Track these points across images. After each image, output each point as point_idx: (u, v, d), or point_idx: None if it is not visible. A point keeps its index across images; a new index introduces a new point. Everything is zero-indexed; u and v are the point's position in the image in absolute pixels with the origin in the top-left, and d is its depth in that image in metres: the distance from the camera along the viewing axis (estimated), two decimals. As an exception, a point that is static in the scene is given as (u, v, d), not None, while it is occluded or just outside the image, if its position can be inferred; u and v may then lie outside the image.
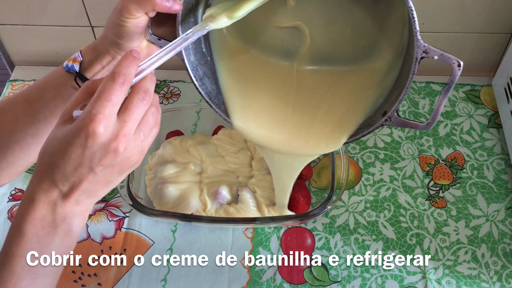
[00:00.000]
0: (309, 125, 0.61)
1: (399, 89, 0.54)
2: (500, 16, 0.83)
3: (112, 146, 0.42)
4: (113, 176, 0.44)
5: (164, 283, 0.68)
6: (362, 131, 0.57)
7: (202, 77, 0.59)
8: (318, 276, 0.68)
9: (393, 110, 0.53)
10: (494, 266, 0.68)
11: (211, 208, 0.71)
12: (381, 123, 0.54)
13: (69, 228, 0.44)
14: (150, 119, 0.45)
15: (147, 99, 0.44)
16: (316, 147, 0.61)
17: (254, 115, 0.62)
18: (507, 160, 0.78)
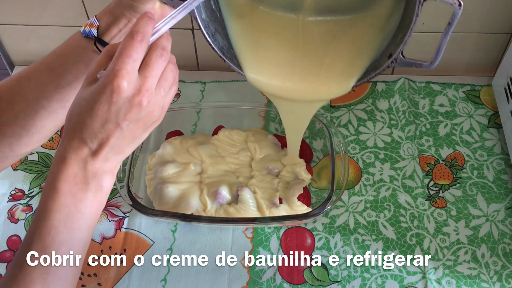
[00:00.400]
0: (318, 71, 0.64)
1: (403, 31, 0.56)
2: (500, 16, 0.83)
3: (136, 100, 0.44)
4: (138, 132, 0.46)
5: (164, 283, 0.68)
6: (369, 74, 0.60)
7: (214, 33, 0.61)
8: (318, 276, 0.68)
9: (398, 52, 0.55)
10: (494, 266, 0.68)
11: (211, 208, 0.71)
12: (388, 65, 0.57)
13: (100, 184, 0.46)
14: (169, 75, 0.47)
15: (165, 55, 0.47)
16: (327, 91, 0.64)
17: (265, 66, 0.64)
18: (507, 160, 0.78)
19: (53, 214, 0.45)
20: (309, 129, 0.80)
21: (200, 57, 0.94)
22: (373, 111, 0.85)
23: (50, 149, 0.82)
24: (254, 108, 0.83)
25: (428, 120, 0.84)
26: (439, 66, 0.96)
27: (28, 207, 0.76)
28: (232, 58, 0.63)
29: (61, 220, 0.45)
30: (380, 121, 0.84)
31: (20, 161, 0.80)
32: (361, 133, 0.82)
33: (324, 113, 0.85)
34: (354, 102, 0.87)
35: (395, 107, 0.85)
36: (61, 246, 0.45)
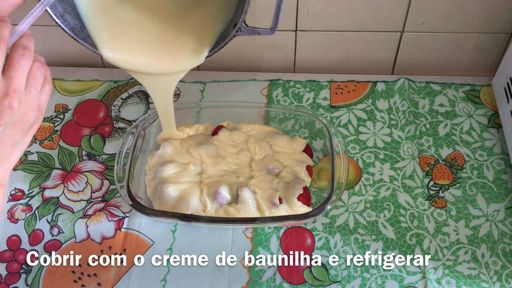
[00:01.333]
0: (172, 44, 0.66)
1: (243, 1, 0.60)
2: (500, 16, 0.83)
3: (5, 103, 0.42)
4: (18, 136, 0.45)
5: (164, 283, 0.68)
6: (219, 44, 0.64)
7: (63, 14, 0.61)
8: (318, 276, 0.68)
9: (241, 21, 0.60)
10: (494, 266, 0.68)
11: (211, 208, 0.71)
12: (234, 34, 0.61)
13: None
14: (37, 73, 0.46)
15: (27, 54, 0.45)
16: (182, 62, 0.66)
17: (119, 42, 0.65)
18: (507, 160, 0.78)
19: None
20: (309, 129, 0.80)
21: (200, 57, 0.94)
22: (373, 111, 0.85)
23: (50, 149, 0.82)
24: (254, 108, 0.83)
25: (428, 120, 0.84)
26: (439, 66, 0.96)
27: (28, 207, 0.76)
28: (86, 38, 0.63)
29: None
30: (380, 121, 0.84)
31: (20, 161, 0.80)
32: (361, 133, 0.82)
33: (324, 113, 0.85)
34: (354, 102, 0.87)
35: (395, 107, 0.85)
36: None
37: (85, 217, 0.74)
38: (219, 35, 0.65)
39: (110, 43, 0.64)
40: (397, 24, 0.85)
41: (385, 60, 0.92)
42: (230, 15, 0.64)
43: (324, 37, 0.88)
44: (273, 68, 0.94)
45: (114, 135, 0.84)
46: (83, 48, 0.64)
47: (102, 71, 0.94)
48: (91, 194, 0.77)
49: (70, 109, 0.87)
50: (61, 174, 0.79)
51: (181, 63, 0.66)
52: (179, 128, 0.79)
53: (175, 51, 0.66)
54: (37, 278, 0.69)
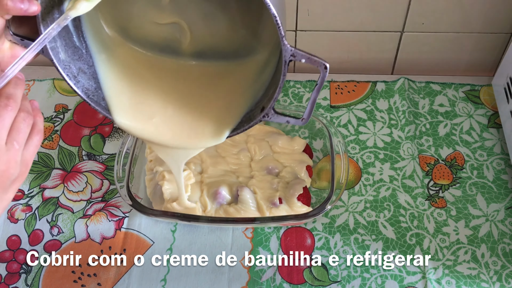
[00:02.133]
0: (193, 119, 0.61)
1: (274, 86, 0.55)
2: (500, 16, 0.83)
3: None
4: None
5: (164, 283, 0.68)
6: (243, 125, 0.59)
7: (76, 75, 0.57)
8: (318, 276, 0.68)
9: (269, 107, 0.55)
10: (494, 266, 0.68)
11: (211, 208, 0.71)
12: (260, 119, 0.56)
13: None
14: (21, 126, 0.42)
15: (11, 104, 0.42)
16: (200, 141, 0.61)
17: (136, 111, 0.61)
18: (507, 160, 0.78)
19: None
20: (309, 129, 0.80)
21: (200, 57, 0.94)
22: (373, 111, 0.85)
23: (50, 149, 0.82)
24: (254, 108, 0.83)
25: (428, 120, 0.84)
26: (439, 66, 0.96)
27: (27, 207, 0.76)
28: (99, 101, 0.59)
29: None
30: (380, 121, 0.84)
31: (20, 161, 0.80)
32: (361, 133, 0.82)
33: (324, 113, 0.85)
34: (354, 102, 0.87)
35: (395, 107, 0.85)
36: None
37: (85, 217, 0.74)
38: (244, 115, 0.60)
39: (127, 112, 0.60)
40: (397, 24, 0.85)
41: (385, 60, 0.92)
42: (259, 95, 0.60)
43: (324, 37, 0.88)
44: (273, 68, 0.94)
45: (114, 135, 0.84)
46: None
47: (102, 71, 0.94)
48: (91, 194, 0.77)
49: (70, 109, 0.87)
50: (61, 174, 0.79)
51: (200, 141, 0.61)
52: None
53: (196, 130, 0.61)
54: (37, 278, 0.69)
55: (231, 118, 0.60)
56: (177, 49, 0.62)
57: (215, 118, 0.61)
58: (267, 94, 0.58)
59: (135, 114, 0.61)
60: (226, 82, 0.63)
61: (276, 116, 0.56)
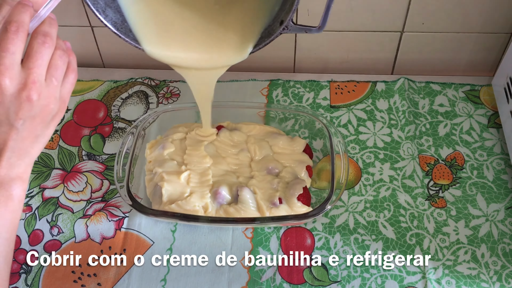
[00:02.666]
0: (216, 39, 0.64)
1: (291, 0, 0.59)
2: (500, 16, 0.83)
3: (23, 95, 0.40)
4: (38, 129, 0.43)
5: (164, 283, 0.68)
6: (264, 40, 0.63)
7: (104, 9, 0.60)
8: (318, 276, 0.68)
9: (288, 19, 0.59)
10: (494, 266, 0.68)
11: (211, 208, 0.70)
12: (280, 32, 0.61)
13: (8, 193, 0.43)
14: (58, 62, 0.44)
15: (48, 42, 0.43)
16: (226, 58, 0.65)
17: (163, 38, 0.64)
18: (507, 160, 0.78)
19: None
20: (309, 129, 0.80)
21: (200, 57, 0.94)
22: (372, 111, 0.85)
23: (50, 149, 0.82)
24: (254, 108, 0.83)
25: (428, 120, 0.84)
26: (439, 66, 0.96)
27: (27, 207, 0.76)
28: (127, 32, 0.62)
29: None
30: (380, 121, 0.84)
31: (20, 161, 0.80)
32: (361, 133, 0.82)
33: (324, 113, 0.85)
34: (354, 102, 0.87)
35: (395, 107, 0.85)
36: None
37: (85, 217, 0.74)
38: (263, 31, 0.64)
39: (153, 38, 0.63)
40: (397, 24, 0.85)
41: (385, 60, 0.92)
42: (275, 10, 0.63)
43: (324, 37, 0.88)
44: (273, 68, 0.94)
45: (114, 135, 0.84)
46: (82, 47, 0.64)
47: (102, 71, 0.94)
48: (91, 194, 0.77)
49: (70, 109, 0.87)
50: (61, 174, 0.79)
51: (225, 58, 0.65)
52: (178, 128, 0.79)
53: (219, 47, 0.64)
54: (37, 278, 0.69)
55: (252, 34, 0.63)
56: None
57: (237, 35, 0.64)
58: (284, 8, 0.61)
59: (161, 41, 0.63)
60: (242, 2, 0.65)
61: (295, 27, 0.60)
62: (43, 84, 0.42)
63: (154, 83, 0.90)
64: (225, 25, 0.65)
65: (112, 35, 0.63)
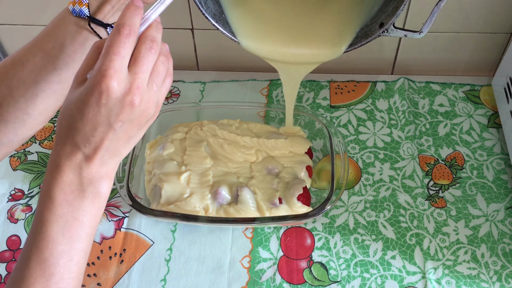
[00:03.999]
0: (311, 35, 0.64)
1: (395, 2, 0.58)
2: (500, 16, 0.83)
3: (127, 100, 0.42)
4: (133, 131, 0.44)
5: (163, 283, 0.68)
6: (360, 41, 0.62)
7: (206, 1, 0.60)
8: (317, 276, 0.68)
9: (390, 23, 0.57)
10: (493, 266, 0.68)
11: (212, 209, 0.70)
12: (379, 34, 0.59)
13: (97, 190, 0.45)
14: (161, 68, 0.45)
15: (154, 47, 0.44)
16: (319, 55, 0.64)
17: (259, 31, 0.64)
18: (507, 160, 0.78)
19: (50, 225, 0.43)
20: (309, 129, 0.80)
21: (199, 57, 0.94)
22: (372, 111, 0.85)
23: (50, 149, 0.82)
24: (254, 108, 0.83)
25: (428, 120, 0.84)
26: (439, 66, 0.96)
27: (27, 207, 0.76)
28: (225, 24, 0.62)
29: (58, 231, 0.43)
30: (379, 121, 0.84)
31: (20, 161, 0.80)
32: (360, 133, 0.82)
33: (324, 113, 0.85)
34: (354, 102, 0.87)
35: (395, 107, 0.85)
36: (60, 258, 0.44)
37: (85, 217, 0.74)
38: (359, 30, 0.62)
39: (249, 32, 0.63)
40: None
41: (385, 60, 0.92)
42: (374, 10, 0.62)
43: (324, 37, 0.88)
44: (273, 68, 0.93)
45: (114, 135, 0.83)
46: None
47: (102, 71, 0.94)
48: (91, 194, 0.76)
49: (70, 109, 0.87)
50: (61, 174, 0.79)
51: (319, 55, 0.64)
52: (178, 128, 0.79)
53: (314, 43, 0.64)
54: (37, 278, 0.69)
55: (347, 32, 0.62)
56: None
57: (331, 32, 0.64)
58: (385, 10, 0.60)
59: (257, 34, 0.63)
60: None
61: (396, 31, 0.59)
62: (145, 89, 0.43)
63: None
64: (321, 22, 0.64)
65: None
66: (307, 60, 0.66)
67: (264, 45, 0.64)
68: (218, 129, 0.78)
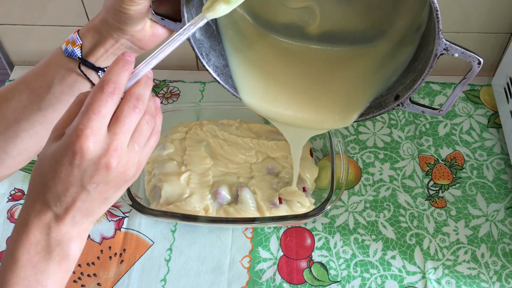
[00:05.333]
0: (320, 101, 0.61)
1: (413, 75, 0.54)
2: (500, 16, 0.83)
3: (102, 162, 0.39)
4: (109, 193, 0.42)
5: (163, 283, 0.68)
6: (373, 111, 0.57)
7: (208, 53, 0.58)
8: (317, 276, 0.68)
9: (406, 96, 0.53)
10: (493, 266, 0.68)
11: (212, 210, 0.70)
12: (393, 107, 0.55)
13: (65, 253, 0.42)
14: (144, 128, 0.42)
15: (139, 107, 0.41)
16: (327, 122, 0.61)
17: (262, 90, 0.61)
18: (507, 160, 0.78)
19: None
20: (309, 129, 0.80)
21: (200, 57, 0.93)
22: (372, 111, 0.85)
23: (49, 149, 0.82)
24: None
25: (428, 120, 0.84)
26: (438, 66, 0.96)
27: (27, 207, 0.75)
28: (227, 79, 0.59)
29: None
30: (379, 121, 0.84)
31: (20, 161, 0.80)
32: (360, 133, 0.82)
33: (324, 113, 0.85)
34: (354, 102, 0.87)
35: (395, 107, 0.85)
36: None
37: (85, 217, 0.74)
38: (373, 99, 0.58)
39: (253, 90, 0.60)
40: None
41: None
42: (391, 80, 0.58)
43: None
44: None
45: (114, 135, 0.83)
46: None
47: (102, 71, 0.94)
48: (91, 194, 0.76)
49: (70, 109, 0.87)
50: (61, 174, 0.79)
51: (325, 123, 0.61)
52: (178, 128, 0.79)
53: (323, 109, 0.60)
54: (37, 278, 0.69)
55: (359, 102, 0.58)
56: (303, 31, 0.62)
57: (342, 101, 0.60)
58: (402, 82, 0.56)
59: (262, 93, 0.61)
60: (352, 66, 0.62)
61: (412, 106, 0.54)
62: (125, 150, 0.40)
63: (154, 83, 0.90)
64: (333, 89, 0.61)
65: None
66: (313, 126, 0.62)
67: (269, 106, 0.61)
68: (218, 130, 0.78)
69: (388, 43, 0.60)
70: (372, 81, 0.59)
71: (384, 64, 0.60)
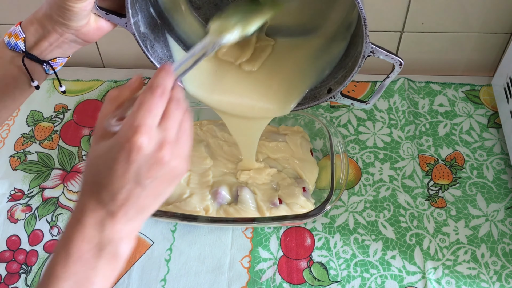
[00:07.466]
0: (260, 91, 0.64)
1: (344, 71, 0.59)
2: (500, 16, 0.83)
3: (158, 156, 0.41)
4: (162, 187, 0.44)
5: (163, 283, 0.68)
6: (308, 102, 0.62)
7: (153, 45, 0.60)
8: (317, 276, 0.68)
9: (338, 90, 0.59)
10: (493, 266, 0.68)
11: (212, 210, 0.70)
12: (326, 99, 0.60)
13: (115, 251, 0.43)
14: (185, 125, 0.45)
15: (181, 106, 0.45)
16: (267, 111, 0.64)
17: (205, 80, 0.63)
18: (507, 160, 0.78)
19: (59, 282, 0.42)
20: (309, 129, 0.80)
21: (199, 57, 0.94)
22: (372, 111, 0.85)
23: (50, 149, 0.82)
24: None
25: (428, 120, 0.84)
26: (439, 66, 0.96)
27: (27, 207, 0.75)
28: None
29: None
30: (379, 121, 0.84)
31: (20, 161, 0.80)
32: (360, 133, 0.82)
33: (324, 113, 0.85)
34: (354, 102, 0.87)
35: (395, 107, 0.85)
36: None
37: (85, 217, 0.74)
38: (308, 91, 0.63)
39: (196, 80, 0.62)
40: (397, 24, 0.85)
41: (385, 60, 0.92)
42: (324, 73, 0.63)
43: (324, 37, 0.88)
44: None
45: (114, 135, 0.84)
46: (82, 47, 0.64)
47: (102, 71, 0.94)
48: (91, 194, 0.76)
49: (69, 109, 0.87)
50: (60, 174, 0.79)
51: (267, 112, 0.65)
52: None
53: (262, 101, 0.64)
54: (37, 278, 0.69)
55: (296, 92, 0.63)
56: None
57: (280, 90, 0.64)
58: (335, 76, 0.61)
59: (205, 83, 0.63)
60: (290, 57, 0.65)
61: (343, 98, 0.60)
62: (174, 145, 0.43)
63: (154, 83, 0.90)
64: (270, 80, 0.64)
65: (110, 35, 0.63)
66: (252, 114, 0.65)
67: (211, 95, 0.64)
68: (218, 131, 0.78)
69: (322, 37, 0.64)
70: (309, 71, 0.63)
71: (318, 56, 0.64)
